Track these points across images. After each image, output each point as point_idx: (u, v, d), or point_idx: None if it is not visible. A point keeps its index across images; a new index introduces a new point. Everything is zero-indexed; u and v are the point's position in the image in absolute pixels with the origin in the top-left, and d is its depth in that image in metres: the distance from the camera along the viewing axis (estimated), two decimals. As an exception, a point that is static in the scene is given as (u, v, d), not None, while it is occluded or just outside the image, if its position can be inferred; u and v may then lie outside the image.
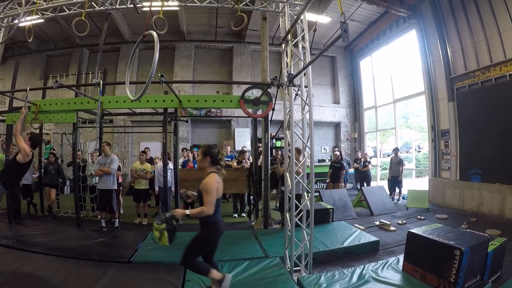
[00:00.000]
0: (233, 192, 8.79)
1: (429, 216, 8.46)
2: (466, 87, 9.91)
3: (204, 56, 15.35)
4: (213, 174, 3.63)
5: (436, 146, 11.18)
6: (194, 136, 14.70)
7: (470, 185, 9.50)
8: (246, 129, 14.36)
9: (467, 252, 3.74)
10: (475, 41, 9.52)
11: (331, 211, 7.55)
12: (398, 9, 11.41)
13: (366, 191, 9.69)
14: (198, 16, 13.50)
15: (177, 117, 8.37)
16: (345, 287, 4.06)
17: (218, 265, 4.00)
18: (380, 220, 7.81)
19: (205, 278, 4.11)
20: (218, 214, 3.67)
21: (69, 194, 11.00)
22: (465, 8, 9.74)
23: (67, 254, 5.37)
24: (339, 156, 11.48)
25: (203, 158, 3.72)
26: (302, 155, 5.50)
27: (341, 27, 3.00)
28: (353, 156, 14.50)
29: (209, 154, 3.70)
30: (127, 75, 3.95)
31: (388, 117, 15.09)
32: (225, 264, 4.80)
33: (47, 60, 15.48)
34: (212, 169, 3.70)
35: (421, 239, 4.37)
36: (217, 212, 3.61)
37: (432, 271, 4.05)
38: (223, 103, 7.30)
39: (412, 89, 12.86)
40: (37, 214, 8.66)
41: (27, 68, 14.71)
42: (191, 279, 4.28)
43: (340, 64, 16.39)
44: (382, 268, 4.60)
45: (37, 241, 6.07)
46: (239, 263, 4.85)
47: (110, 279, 4.34)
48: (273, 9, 5.70)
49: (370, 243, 6.01)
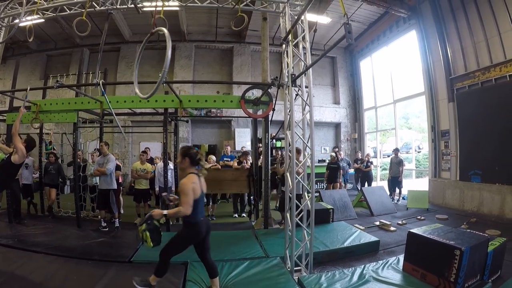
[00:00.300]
0: (234, 192, 8.79)
1: (429, 217, 8.47)
2: (466, 87, 9.91)
3: (205, 56, 15.35)
4: (190, 175, 3.65)
5: (436, 146, 11.19)
6: (194, 136, 14.69)
7: (470, 185, 9.51)
8: (246, 129, 14.37)
9: (467, 252, 3.75)
10: (475, 42, 9.53)
11: (331, 211, 7.57)
12: (398, 9, 11.43)
13: (366, 191, 9.71)
14: (198, 16, 13.49)
15: (177, 117, 8.38)
16: (345, 286, 4.08)
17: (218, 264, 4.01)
18: (380, 221, 7.82)
19: (205, 278, 4.14)
20: (199, 215, 3.69)
21: (69, 194, 11.00)
22: (465, 9, 9.75)
23: (68, 254, 5.39)
24: (335, 157, 11.66)
25: (182, 159, 3.74)
26: (302, 155, 5.51)
27: (345, 28, 3.01)
28: (353, 156, 14.51)
29: (188, 155, 3.73)
30: (135, 74, 3.95)
31: (388, 118, 15.11)
32: (226, 264, 4.81)
33: (47, 60, 15.47)
34: (191, 170, 3.73)
35: (421, 239, 4.38)
36: (197, 212, 3.64)
37: (432, 271, 4.06)
38: (224, 103, 7.30)
39: (412, 90, 12.86)
40: (37, 214, 8.66)
41: (27, 68, 14.69)
42: (192, 278, 4.31)
43: (340, 65, 16.40)
44: (382, 268, 4.61)
45: (38, 241, 6.08)
46: (240, 263, 4.86)
47: (111, 278, 4.35)
48: (274, 10, 5.72)
49: (370, 243, 6.03)
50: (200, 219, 3.71)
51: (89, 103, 7.41)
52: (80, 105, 7.56)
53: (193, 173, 3.71)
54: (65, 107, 7.58)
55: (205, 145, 13.92)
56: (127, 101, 7.28)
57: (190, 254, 5.30)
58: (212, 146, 14.19)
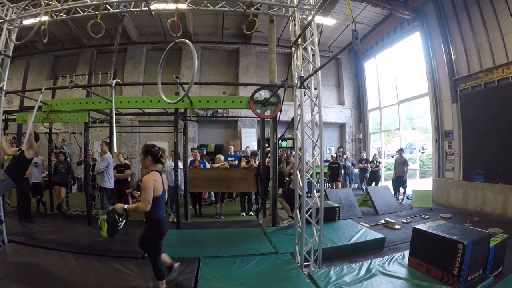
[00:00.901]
0: (242, 191, 8.93)
1: (433, 216, 8.57)
2: (469, 88, 10.01)
3: (211, 57, 15.49)
4: (153, 172, 3.73)
5: (440, 146, 11.29)
6: (201, 136, 14.86)
7: (473, 185, 9.63)
8: (252, 130, 14.56)
9: (470, 246, 3.89)
10: (478, 43, 9.64)
11: (337, 210, 7.70)
12: (402, 11, 11.56)
13: (372, 190, 9.84)
14: (205, 18, 13.65)
15: (187, 117, 8.52)
16: (353, 280, 4.23)
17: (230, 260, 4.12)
18: (385, 219, 7.95)
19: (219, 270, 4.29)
20: (160, 212, 3.78)
21: (76, 193, 11.12)
22: (468, 11, 9.87)
23: (81, 251, 5.50)
24: (335, 157, 12.26)
25: (145, 157, 3.81)
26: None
27: (353, 35, 3.16)
28: (357, 156, 14.63)
29: (150, 152, 3.80)
30: (158, 80, 4.10)
31: (392, 118, 15.20)
32: (237, 259, 4.96)
33: (54, 60, 15.66)
34: (154, 167, 3.80)
35: (425, 234, 4.52)
36: (158, 209, 3.73)
37: (436, 265, 4.20)
38: (233, 103, 7.42)
39: (416, 91, 12.98)
40: (47, 212, 8.75)
41: (35, 68, 14.87)
42: (205, 271, 4.46)
43: (345, 66, 16.54)
44: (388, 263, 4.76)
45: (49, 238, 6.22)
46: (252, 259, 5.02)
47: (128, 273, 4.48)
48: (283, 14, 5.83)
49: (376, 239, 6.17)
50: (161, 215, 3.80)
51: (100, 103, 7.45)
52: (92, 105, 7.63)
53: (156, 170, 3.78)
54: (77, 107, 7.67)
55: (211, 145, 14.12)
56: (138, 101, 7.45)
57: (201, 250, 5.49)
58: (219, 146, 14.36)
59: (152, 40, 14.87)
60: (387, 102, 14.74)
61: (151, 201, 3.57)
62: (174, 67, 14.13)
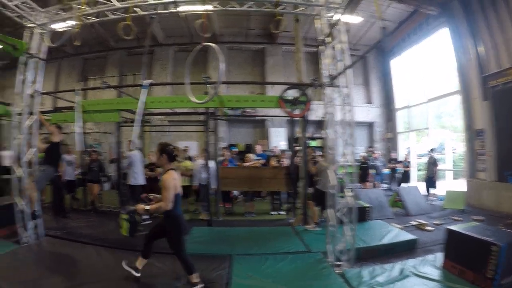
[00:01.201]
0: (272, 189, 8.96)
1: (465, 217, 8.31)
2: (500, 85, 9.66)
3: (236, 58, 15.56)
4: (170, 171, 3.80)
5: (471, 146, 10.99)
6: (230, 135, 15.00)
7: (507, 186, 9.28)
8: (281, 129, 14.57)
9: (505, 248, 3.80)
10: (507, 39, 9.29)
11: (368, 210, 7.62)
12: (428, 7, 11.27)
13: (403, 191, 9.66)
14: (230, 18, 13.74)
15: (217, 116, 8.60)
16: (386, 280, 4.21)
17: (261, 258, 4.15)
18: (416, 220, 7.79)
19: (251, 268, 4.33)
20: (178, 209, 3.87)
21: (109, 190, 11.40)
22: (495, 5, 9.53)
23: (114, 245, 5.69)
24: (366, 157, 12.10)
25: (160, 156, 3.88)
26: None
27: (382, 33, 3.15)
28: (387, 156, 14.44)
29: (165, 151, 3.86)
30: (186, 81, 4.19)
31: (421, 117, 14.84)
32: (269, 257, 5.02)
33: (83, 62, 16.08)
34: (170, 166, 3.87)
35: (459, 235, 4.46)
36: (177, 206, 3.82)
37: (470, 267, 4.13)
38: (262, 103, 7.48)
39: (446, 88, 12.65)
40: (80, 209, 9.07)
41: (65, 71, 15.51)
42: (237, 269, 4.52)
43: (372, 64, 16.31)
44: (421, 264, 4.72)
45: (84, 233, 6.49)
46: (284, 257, 5.08)
47: (163, 267, 4.63)
48: (310, 13, 5.81)
49: (408, 241, 6.07)
50: (179, 213, 3.90)
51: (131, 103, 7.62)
52: (123, 105, 7.82)
53: (172, 169, 3.86)
54: (108, 107, 7.87)
55: (241, 144, 14.26)
56: (169, 101, 7.60)
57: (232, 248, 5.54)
58: (248, 145, 14.49)
59: (178, 41, 15.09)
60: (416, 101, 14.46)
61: (173, 199, 3.70)
62: (201, 68, 14.26)
